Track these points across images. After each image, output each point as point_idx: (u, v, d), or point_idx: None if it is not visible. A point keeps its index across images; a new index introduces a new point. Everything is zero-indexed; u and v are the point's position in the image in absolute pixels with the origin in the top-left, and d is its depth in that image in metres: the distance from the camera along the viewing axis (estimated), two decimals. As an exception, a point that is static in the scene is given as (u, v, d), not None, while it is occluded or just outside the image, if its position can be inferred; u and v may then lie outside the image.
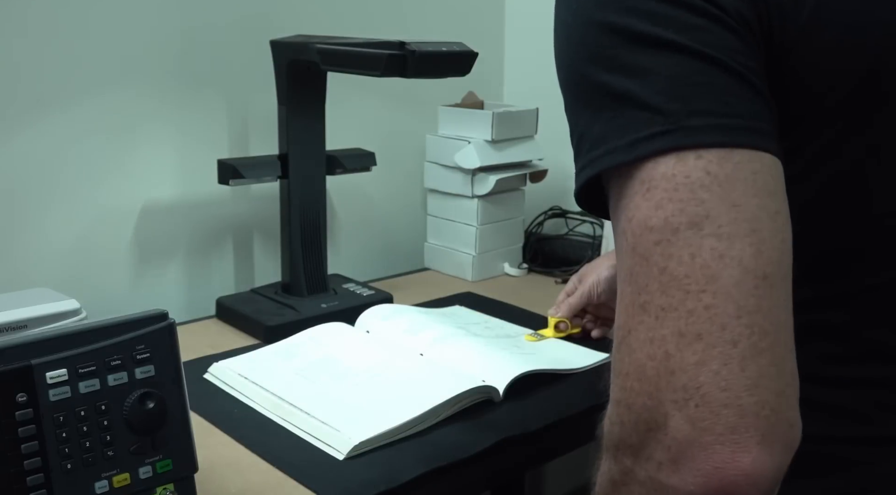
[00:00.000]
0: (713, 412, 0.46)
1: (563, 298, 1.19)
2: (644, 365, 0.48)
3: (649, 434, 0.48)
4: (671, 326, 0.47)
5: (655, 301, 0.48)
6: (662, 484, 0.48)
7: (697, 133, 0.50)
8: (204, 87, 1.32)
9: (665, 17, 0.52)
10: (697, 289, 0.47)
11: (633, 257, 0.50)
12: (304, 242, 1.26)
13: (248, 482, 0.84)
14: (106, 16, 1.20)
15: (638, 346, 0.49)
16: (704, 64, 0.51)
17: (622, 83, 0.52)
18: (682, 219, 0.48)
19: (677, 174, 0.49)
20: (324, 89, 1.25)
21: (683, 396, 0.47)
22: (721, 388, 0.46)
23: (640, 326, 0.49)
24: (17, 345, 0.66)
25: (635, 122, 0.51)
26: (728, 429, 0.46)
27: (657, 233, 0.49)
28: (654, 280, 0.48)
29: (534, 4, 1.71)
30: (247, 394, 1.00)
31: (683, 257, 0.48)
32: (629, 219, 0.50)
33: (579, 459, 1.54)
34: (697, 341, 0.47)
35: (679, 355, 0.47)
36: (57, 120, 1.19)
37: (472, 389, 0.97)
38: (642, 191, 0.50)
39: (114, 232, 1.27)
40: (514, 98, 1.74)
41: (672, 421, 0.47)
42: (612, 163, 0.52)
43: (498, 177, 1.45)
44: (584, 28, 0.56)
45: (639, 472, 0.50)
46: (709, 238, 0.47)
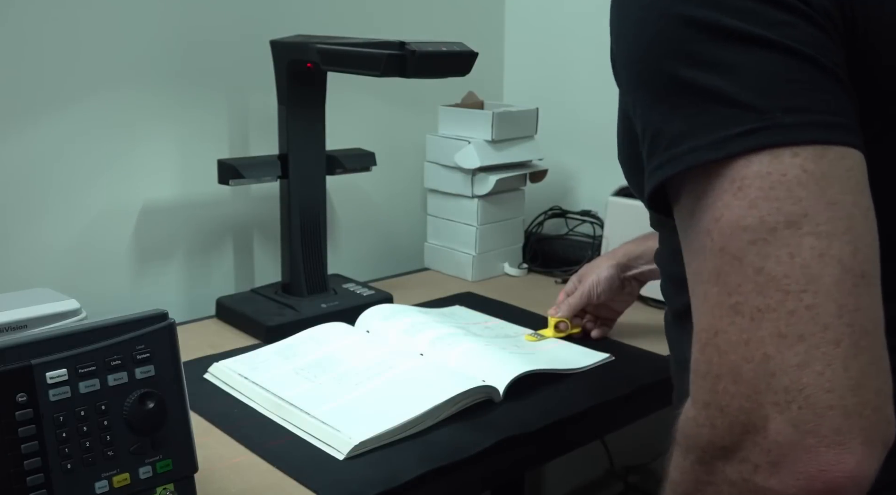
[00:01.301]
0: (817, 414, 0.45)
1: (562, 298, 1.19)
2: (740, 367, 0.47)
3: (745, 436, 0.48)
4: (770, 327, 0.46)
5: (751, 302, 0.47)
6: (758, 486, 0.48)
7: (792, 130, 0.48)
8: (204, 87, 1.32)
9: (751, 13, 0.51)
10: (798, 289, 0.46)
11: (722, 257, 0.49)
12: (304, 242, 1.26)
13: (248, 482, 0.84)
14: (106, 16, 1.20)
15: (730, 348, 0.48)
16: (795, 60, 0.50)
17: (707, 79, 0.51)
18: (779, 218, 0.47)
19: (773, 172, 0.48)
20: (324, 89, 1.25)
21: (785, 398, 0.46)
22: (825, 390, 0.45)
23: (732, 328, 0.48)
24: (17, 345, 0.66)
25: (724, 118, 0.50)
26: (833, 431, 0.45)
27: (752, 233, 0.48)
28: (748, 280, 0.47)
29: (534, 4, 1.71)
30: (247, 394, 1.00)
31: (782, 257, 0.47)
32: (716, 218, 0.49)
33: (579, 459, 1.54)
34: (799, 342, 0.46)
35: (780, 357, 0.46)
36: (57, 120, 1.19)
37: (472, 389, 0.97)
38: (733, 190, 0.49)
39: (114, 232, 1.27)
40: (514, 98, 1.74)
41: (773, 423, 0.46)
42: (698, 160, 0.51)
43: (498, 177, 1.45)
44: (662, 22, 0.54)
45: (730, 473, 0.49)
46: (808, 237, 0.47)
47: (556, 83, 1.68)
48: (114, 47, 1.22)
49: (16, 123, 1.16)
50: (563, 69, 1.67)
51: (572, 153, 1.67)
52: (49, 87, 1.17)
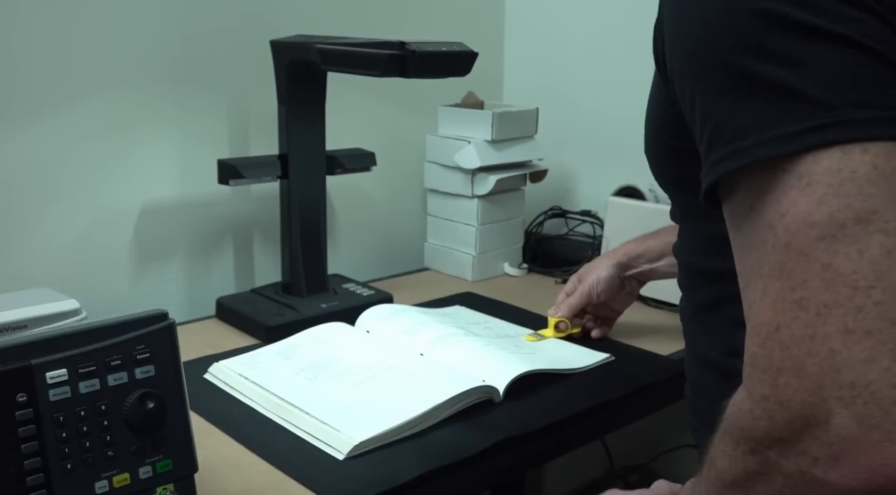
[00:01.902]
0: (883, 409, 0.45)
1: (562, 298, 1.19)
2: (804, 362, 0.47)
3: (806, 430, 0.48)
4: (836, 323, 0.47)
5: (817, 297, 0.47)
6: (817, 479, 0.48)
7: (862, 126, 0.48)
8: (204, 87, 1.32)
9: (820, 7, 0.50)
10: (867, 285, 0.46)
11: (787, 253, 0.49)
12: (304, 242, 1.26)
13: (248, 482, 0.84)
14: (106, 16, 1.20)
15: (794, 343, 0.48)
16: (864, 55, 0.50)
17: (775, 72, 0.50)
18: (848, 215, 0.47)
19: (843, 168, 0.48)
20: (324, 89, 1.25)
21: (851, 394, 0.46)
22: (892, 385, 0.45)
23: (796, 323, 0.48)
24: (17, 345, 0.66)
25: (791, 113, 0.50)
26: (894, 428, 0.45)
27: (820, 229, 0.47)
28: (815, 276, 0.47)
29: (534, 4, 1.71)
30: (247, 394, 1.00)
31: (851, 253, 0.47)
32: (782, 214, 0.49)
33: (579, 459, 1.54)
34: (867, 338, 0.46)
35: (846, 352, 0.46)
36: (57, 120, 1.19)
37: (472, 389, 0.97)
38: (800, 186, 0.48)
39: (114, 232, 1.27)
40: (514, 98, 1.74)
41: (836, 418, 0.46)
42: (765, 155, 0.50)
43: (498, 177, 1.45)
44: (728, 14, 0.53)
45: (786, 466, 0.50)
46: (877, 234, 0.47)
47: (556, 83, 1.68)
48: (114, 47, 1.22)
49: (16, 123, 1.16)
50: (563, 69, 1.68)
51: (572, 153, 1.67)
52: (49, 87, 1.17)
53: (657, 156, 0.73)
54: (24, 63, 1.14)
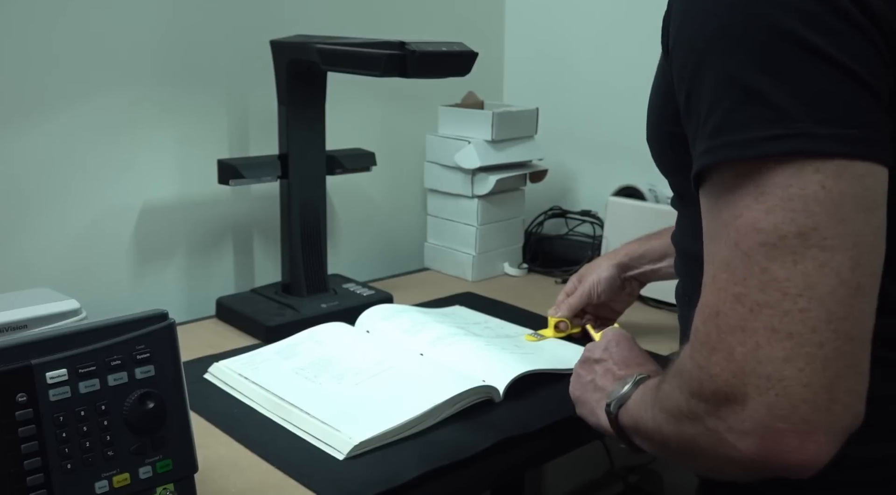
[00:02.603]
0: (791, 404, 0.51)
1: (562, 298, 1.19)
2: (733, 348, 0.53)
3: (726, 403, 0.54)
4: (764, 321, 0.52)
5: (752, 296, 0.52)
6: (728, 443, 0.54)
7: (820, 141, 0.51)
8: (204, 87, 1.32)
9: (812, 18, 0.52)
10: (795, 292, 0.51)
11: (735, 251, 0.53)
12: (304, 242, 1.26)
13: (248, 482, 0.84)
14: (106, 16, 1.20)
15: (728, 330, 0.53)
16: (838, 72, 0.52)
17: (754, 79, 0.53)
18: (791, 228, 0.51)
19: (793, 185, 0.51)
20: (324, 89, 1.25)
21: (766, 385, 0.52)
22: (802, 384, 0.51)
23: (732, 313, 0.53)
24: (17, 345, 0.66)
25: (757, 119, 0.53)
26: (801, 421, 0.51)
27: (764, 236, 0.52)
28: (753, 277, 0.52)
29: (534, 4, 1.71)
30: (247, 394, 1.00)
31: (787, 262, 0.51)
32: (736, 215, 0.53)
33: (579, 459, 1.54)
34: (788, 339, 0.51)
35: (769, 348, 0.52)
36: (57, 120, 1.19)
37: (472, 389, 0.97)
38: (755, 194, 0.52)
39: (114, 232, 1.27)
40: (514, 98, 1.74)
41: (751, 402, 0.52)
42: (728, 156, 0.54)
43: (498, 177, 1.45)
44: (727, 17, 0.55)
45: (709, 422, 0.56)
46: (813, 248, 0.51)
47: (556, 83, 1.68)
48: (114, 47, 1.22)
49: (16, 123, 1.16)
50: (563, 69, 1.68)
51: (572, 153, 1.67)
52: (49, 88, 1.17)
53: (658, 142, 0.74)
54: (23, 63, 1.14)
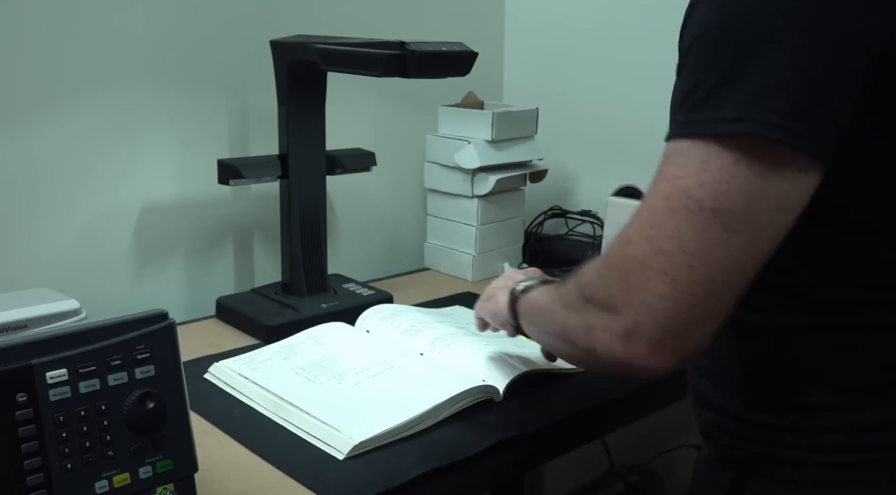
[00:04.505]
0: (655, 327, 0.62)
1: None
2: (629, 273, 0.64)
3: (608, 309, 0.65)
4: (659, 263, 0.62)
5: (659, 242, 0.62)
6: (597, 337, 0.66)
7: (767, 128, 0.59)
8: (204, 87, 1.32)
9: (795, 15, 0.59)
10: (690, 252, 0.61)
11: (664, 203, 0.62)
12: (304, 242, 1.26)
13: (248, 482, 0.84)
14: (106, 16, 1.20)
15: (631, 258, 0.64)
16: (806, 76, 0.59)
17: (730, 66, 0.60)
18: (710, 204, 0.60)
19: (727, 171, 0.60)
20: (324, 89, 1.25)
21: (641, 307, 0.63)
22: (667, 317, 0.62)
23: (640, 248, 0.63)
24: (17, 345, 0.66)
25: (726, 102, 0.60)
26: (657, 340, 0.62)
27: (690, 202, 0.61)
28: (667, 229, 0.62)
29: (534, 5, 1.71)
30: (247, 394, 1.00)
31: (696, 228, 0.61)
32: (677, 176, 0.62)
33: (579, 459, 1.54)
34: (671, 283, 0.62)
35: (654, 284, 0.62)
36: (57, 120, 1.19)
37: (472, 389, 0.97)
38: (699, 167, 0.61)
39: (114, 232, 1.27)
40: (514, 98, 1.74)
41: (626, 315, 0.64)
42: (690, 131, 0.62)
43: (498, 177, 1.45)
44: (726, 6, 0.62)
45: (589, 316, 0.68)
46: (719, 226, 0.60)
47: (556, 83, 1.68)
48: (114, 47, 1.22)
49: (16, 123, 1.16)
50: (563, 69, 1.68)
51: (572, 153, 1.67)
52: (49, 87, 1.17)
53: None
54: (24, 63, 1.14)
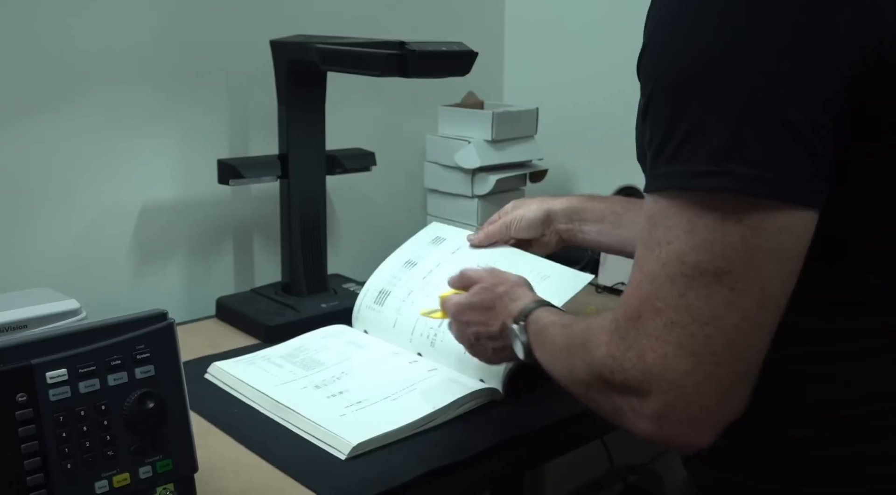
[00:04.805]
0: (686, 406, 0.60)
1: (485, 226, 1.18)
2: (645, 352, 0.61)
3: (632, 393, 0.62)
4: (675, 338, 0.59)
5: (668, 314, 0.60)
6: (627, 417, 0.64)
7: (743, 182, 0.57)
8: (204, 86, 1.32)
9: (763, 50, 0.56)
10: (703, 321, 0.59)
11: (661, 271, 0.60)
12: (304, 242, 1.26)
13: (248, 482, 0.84)
14: (106, 16, 1.20)
15: (644, 335, 0.61)
16: (772, 115, 0.56)
17: (695, 112, 0.58)
18: (709, 267, 0.58)
19: (718, 230, 0.58)
20: (324, 89, 1.25)
21: (668, 387, 0.60)
22: (698, 393, 0.60)
23: (651, 322, 0.61)
24: (17, 344, 0.66)
25: (698, 153, 0.58)
26: (692, 419, 0.60)
27: (686, 268, 0.59)
28: (672, 299, 0.60)
29: (534, 4, 1.71)
30: (246, 395, 1.00)
31: (701, 294, 0.59)
32: (668, 240, 0.60)
33: (579, 459, 1.54)
34: (692, 356, 0.59)
35: (675, 360, 0.60)
36: (57, 120, 1.19)
37: (473, 393, 0.97)
38: (685, 228, 0.59)
39: (114, 232, 1.27)
40: (514, 98, 1.74)
41: (653, 397, 0.61)
42: (665, 186, 0.60)
43: (498, 177, 1.45)
44: (704, 52, 0.58)
45: (614, 398, 0.65)
46: (725, 288, 0.58)
47: (556, 83, 1.68)
48: (114, 47, 1.22)
49: (15, 123, 1.16)
50: (563, 69, 1.67)
51: (572, 153, 1.67)
52: (49, 87, 1.17)
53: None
54: (24, 63, 1.14)
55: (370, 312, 1.18)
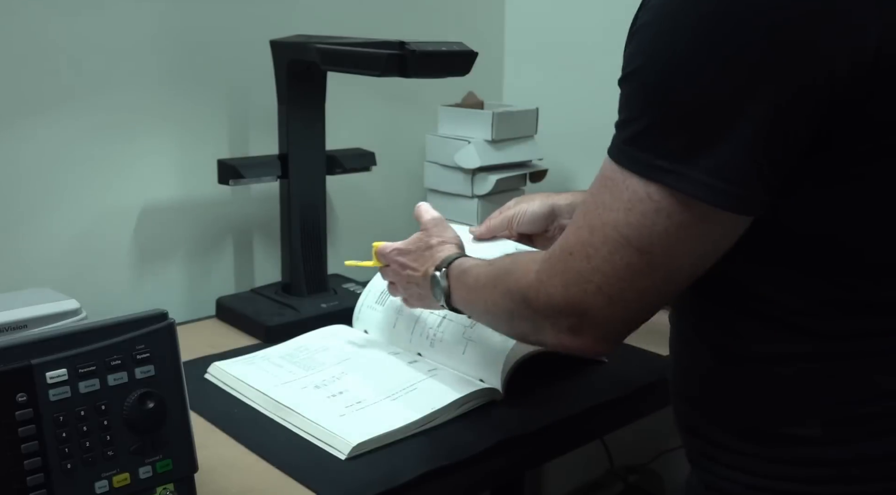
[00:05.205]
0: (595, 326, 0.71)
1: (487, 220, 1.17)
2: (570, 283, 0.70)
3: (551, 310, 0.72)
4: (597, 280, 0.69)
5: (596, 261, 0.69)
6: (547, 331, 0.74)
7: (685, 183, 0.62)
8: (204, 86, 1.32)
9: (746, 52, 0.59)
10: (620, 277, 0.67)
11: (598, 227, 0.68)
12: (304, 242, 1.26)
13: (248, 482, 0.84)
14: (106, 16, 1.20)
15: (572, 269, 0.70)
16: (737, 119, 0.60)
17: (665, 111, 0.63)
18: (635, 243, 0.66)
19: (649, 217, 0.65)
20: (324, 89, 1.25)
21: (581, 313, 0.70)
22: (608, 321, 0.71)
23: (581, 262, 0.69)
24: (17, 344, 0.66)
25: (657, 148, 0.64)
26: (601, 336, 0.72)
27: (618, 235, 0.67)
28: (603, 250, 0.68)
29: (534, 4, 1.71)
30: (246, 395, 1.00)
31: (625, 258, 0.67)
32: (610, 208, 0.67)
33: (579, 459, 1.54)
34: (607, 298, 0.69)
35: (593, 297, 0.69)
36: (57, 120, 1.19)
37: (473, 393, 0.97)
38: (626, 206, 0.66)
39: (114, 232, 1.27)
40: (514, 98, 1.74)
41: (569, 317, 0.71)
42: (626, 164, 0.66)
43: (498, 177, 1.45)
44: (690, 51, 0.62)
45: (536, 319, 0.75)
46: (643, 262, 0.67)
47: (556, 83, 1.68)
48: (114, 47, 1.22)
49: (16, 123, 1.16)
50: (563, 69, 1.67)
51: (572, 153, 1.67)
52: (49, 87, 1.17)
53: None
54: (24, 63, 1.14)
55: (371, 312, 1.18)
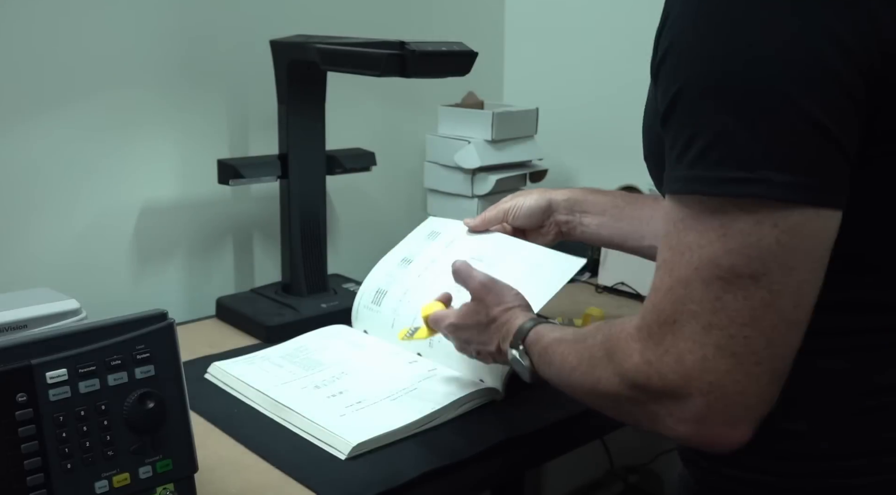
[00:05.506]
0: (727, 405, 0.61)
1: (484, 213, 1.17)
2: (684, 356, 0.61)
3: (671, 397, 0.62)
4: (714, 340, 0.60)
5: (706, 316, 0.60)
6: (665, 424, 0.64)
7: (776, 188, 0.57)
8: (204, 86, 1.32)
9: (789, 67, 0.56)
10: (741, 322, 0.59)
11: (695, 275, 0.60)
12: (304, 242, 1.26)
13: (248, 482, 0.84)
14: (106, 16, 1.20)
15: (682, 339, 0.61)
16: (801, 118, 0.56)
17: (729, 121, 0.58)
18: (745, 271, 0.59)
19: (752, 234, 0.58)
20: (324, 89, 1.25)
21: (708, 389, 0.61)
22: (738, 392, 0.60)
23: (688, 326, 0.61)
24: (17, 345, 0.66)
25: (728, 160, 0.58)
26: (733, 417, 0.61)
27: (721, 271, 0.59)
28: (708, 302, 0.60)
29: (534, 4, 1.71)
30: (246, 395, 1.00)
31: (738, 296, 0.59)
32: (700, 245, 0.60)
33: (579, 459, 1.54)
34: (731, 357, 0.60)
35: (714, 362, 0.60)
36: (57, 120, 1.19)
37: (473, 393, 0.97)
38: (718, 233, 0.59)
39: (114, 232, 1.27)
40: (514, 98, 1.74)
41: (693, 399, 0.61)
42: (699, 190, 0.60)
43: (498, 177, 1.45)
44: (724, 60, 0.59)
45: (650, 406, 0.64)
46: (762, 290, 0.59)
47: (556, 83, 1.68)
48: (114, 47, 1.22)
49: (16, 123, 1.16)
50: (563, 69, 1.67)
51: (572, 153, 1.67)
52: (49, 87, 1.17)
53: (656, 162, 0.74)
54: (24, 63, 1.14)
55: (368, 312, 1.18)
